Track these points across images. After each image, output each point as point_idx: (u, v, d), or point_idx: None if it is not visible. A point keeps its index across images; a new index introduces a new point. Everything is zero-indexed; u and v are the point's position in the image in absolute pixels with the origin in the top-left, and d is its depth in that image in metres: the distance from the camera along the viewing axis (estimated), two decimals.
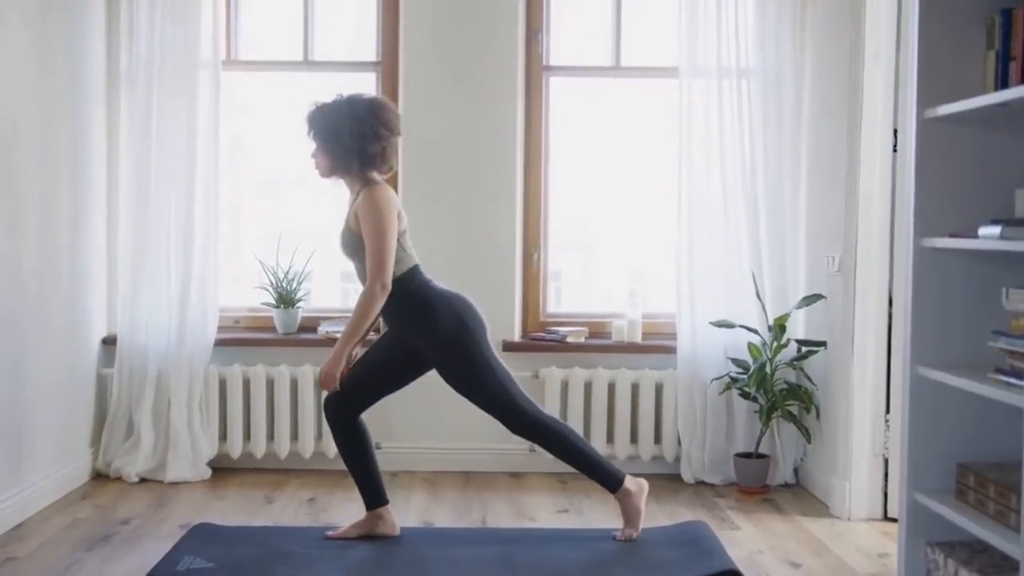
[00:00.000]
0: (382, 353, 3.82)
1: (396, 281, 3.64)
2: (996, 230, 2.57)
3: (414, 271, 3.70)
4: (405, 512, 4.17)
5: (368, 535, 3.81)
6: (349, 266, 3.76)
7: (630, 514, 3.80)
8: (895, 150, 4.10)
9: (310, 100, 3.73)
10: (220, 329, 4.83)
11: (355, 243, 3.66)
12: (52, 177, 4.32)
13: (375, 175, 3.71)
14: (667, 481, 4.74)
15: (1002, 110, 2.66)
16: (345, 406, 3.76)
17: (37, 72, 4.17)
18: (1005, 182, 2.79)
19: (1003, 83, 2.67)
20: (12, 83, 3.98)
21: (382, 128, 3.66)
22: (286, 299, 4.92)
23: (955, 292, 2.85)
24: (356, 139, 3.63)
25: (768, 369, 4.54)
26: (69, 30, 4.46)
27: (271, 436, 4.86)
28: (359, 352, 3.82)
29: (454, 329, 3.66)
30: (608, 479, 3.79)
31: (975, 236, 2.68)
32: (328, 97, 3.71)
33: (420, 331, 3.69)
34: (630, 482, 3.80)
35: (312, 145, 3.71)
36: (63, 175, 4.43)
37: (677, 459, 4.83)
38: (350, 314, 3.64)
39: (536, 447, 4.18)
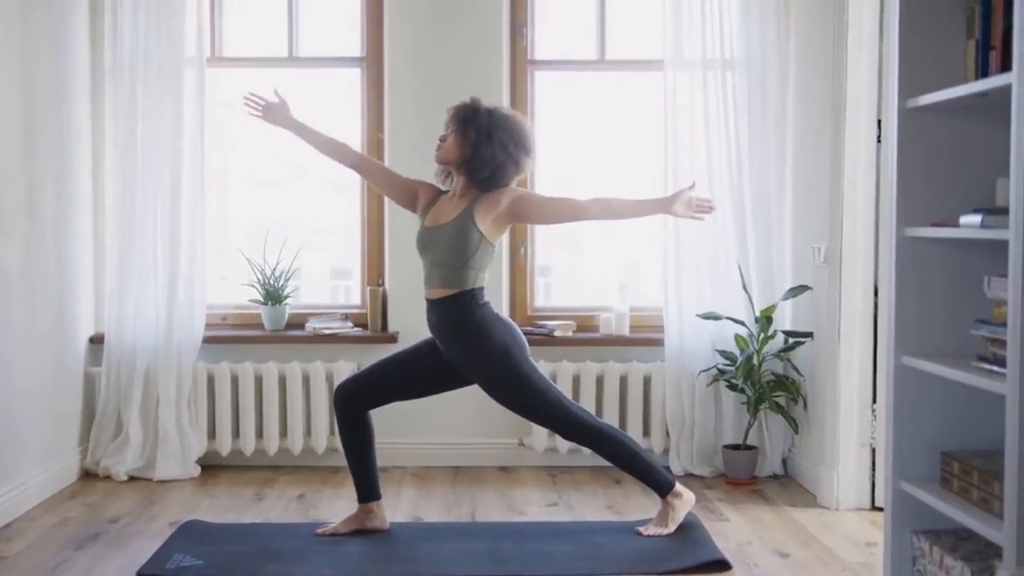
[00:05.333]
0: (418, 359, 3.81)
1: (471, 292, 3.65)
2: (977, 219, 2.58)
3: (483, 290, 3.72)
4: (395, 507, 4.17)
5: (358, 530, 3.82)
6: (336, 262, 3.75)
7: (666, 516, 3.82)
8: (879, 141, 4.11)
9: (469, 96, 3.70)
10: (208, 326, 4.82)
11: (469, 237, 3.62)
12: (37, 176, 4.31)
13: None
14: None
15: (982, 99, 2.66)
16: (360, 397, 3.77)
17: (21, 71, 4.15)
18: (986, 171, 2.80)
19: (983, 72, 2.67)
20: None
21: (525, 159, 3.71)
22: (274, 296, 4.91)
23: (938, 281, 2.86)
24: (505, 155, 3.65)
25: (755, 361, 4.55)
26: (53, 28, 4.45)
27: (260, 433, 4.85)
28: None
29: (502, 351, 3.67)
30: (659, 484, 3.83)
31: (957, 225, 2.69)
32: (488, 100, 3.70)
33: (470, 348, 3.68)
34: (680, 488, 3.85)
35: (449, 129, 3.68)
36: (48, 174, 4.42)
37: (666, 451, 4.84)
38: (338, 311, 3.62)
39: (579, 445, 3.97)
